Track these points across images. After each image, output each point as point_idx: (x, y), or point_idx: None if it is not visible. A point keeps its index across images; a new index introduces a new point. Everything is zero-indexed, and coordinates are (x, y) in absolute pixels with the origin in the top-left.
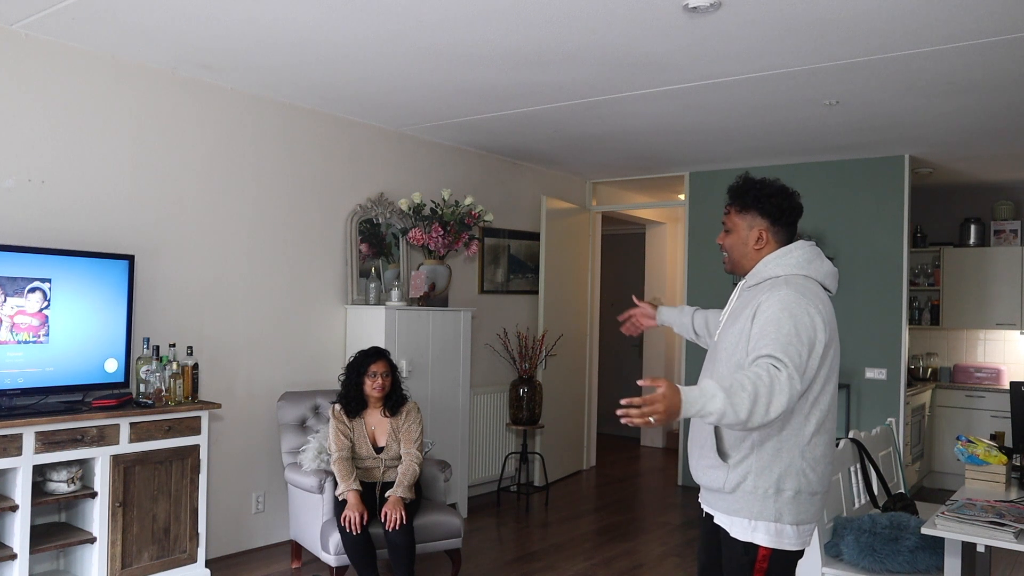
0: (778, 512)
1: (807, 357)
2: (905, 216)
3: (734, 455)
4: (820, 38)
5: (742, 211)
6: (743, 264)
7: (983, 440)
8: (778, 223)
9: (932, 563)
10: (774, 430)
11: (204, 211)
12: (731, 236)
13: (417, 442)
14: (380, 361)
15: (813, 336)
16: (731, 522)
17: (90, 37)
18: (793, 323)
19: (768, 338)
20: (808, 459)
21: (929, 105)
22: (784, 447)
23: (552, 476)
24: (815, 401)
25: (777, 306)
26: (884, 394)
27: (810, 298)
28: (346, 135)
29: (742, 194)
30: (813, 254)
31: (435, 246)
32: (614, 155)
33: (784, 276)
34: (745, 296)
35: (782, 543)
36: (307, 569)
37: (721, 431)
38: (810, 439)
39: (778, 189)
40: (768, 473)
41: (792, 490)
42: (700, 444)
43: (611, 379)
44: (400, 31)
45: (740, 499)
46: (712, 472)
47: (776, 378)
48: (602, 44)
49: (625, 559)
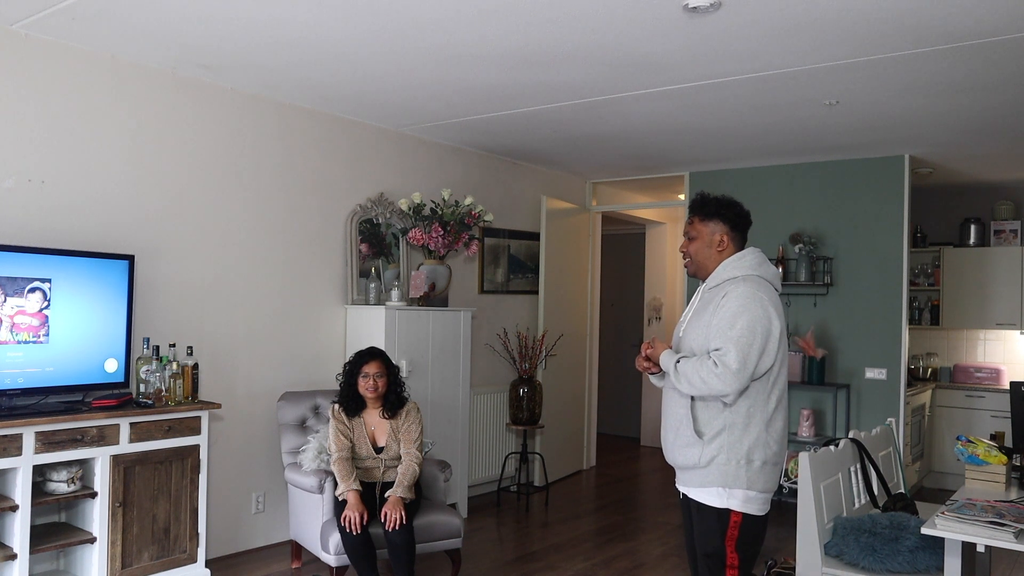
0: (749, 481)
1: (762, 345)
2: (905, 216)
3: (708, 432)
4: (820, 38)
5: (705, 219)
6: (706, 265)
7: (983, 440)
8: (735, 229)
9: (932, 563)
10: (741, 408)
11: (204, 211)
12: (695, 242)
13: (417, 442)
14: (373, 362)
15: (768, 325)
16: (706, 493)
17: (90, 37)
18: (748, 319)
19: (723, 334)
20: (771, 432)
21: (929, 105)
22: (752, 422)
23: (552, 476)
24: (775, 381)
25: (735, 303)
26: (884, 394)
27: (764, 291)
28: (346, 135)
29: (705, 205)
30: (762, 258)
31: (435, 246)
32: (614, 155)
33: (741, 276)
34: (707, 296)
35: (750, 508)
36: (307, 569)
37: (696, 413)
38: (771, 415)
39: (733, 201)
40: (739, 446)
41: (760, 460)
42: (675, 427)
43: (611, 379)
44: (400, 31)
45: (714, 471)
46: (688, 450)
47: (712, 372)
48: (602, 44)
49: (625, 559)
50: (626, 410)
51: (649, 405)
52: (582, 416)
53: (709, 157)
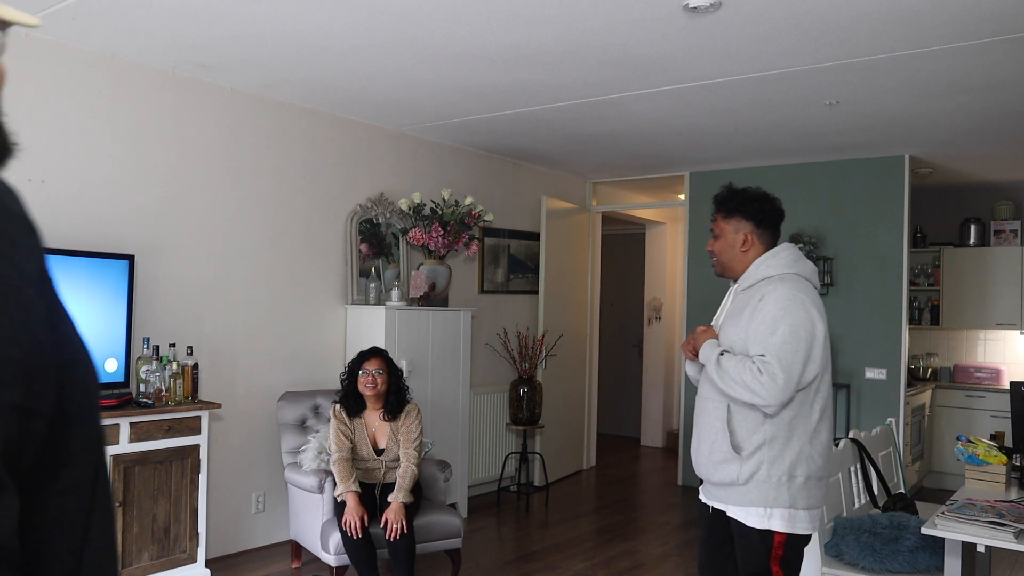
0: (792, 498)
1: (806, 353)
2: (905, 216)
3: (747, 447)
4: (820, 38)
5: (728, 216)
6: (732, 266)
7: (983, 440)
8: (762, 226)
9: (932, 563)
10: (783, 420)
11: (204, 211)
12: (719, 241)
13: (415, 443)
14: (374, 358)
15: (812, 329)
16: (746, 512)
17: (90, 37)
18: (789, 325)
19: (763, 340)
20: (815, 445)
21: (929, 105)
22: (794, 436)
23: (552, 476)
24: (816, 390)
25: (775, 307)
26: (884, 394)
27: (806, 293)
28: (346, 135)
29: (727, 201)
30: (798, 254)
31: (435, 246)
32: (614, 155)
33: (778, 275)
34: (741, 298)
35: (796, 528)
36: (307, 569)
37: (734, 426)
38: (815, 426)
39: (760, 195)
40: (780, 462)
41: (803, 476)
42: (710, 440)
43: (611, 379)
44: (400, 31)
45: (754, 489)
46: (725, 467)
47: (757, 379)
48: (602, 44)
49: (625, 559)
50: (626, 410)
51: (649, 405)
52: (582, 416)
53: (709, 157)
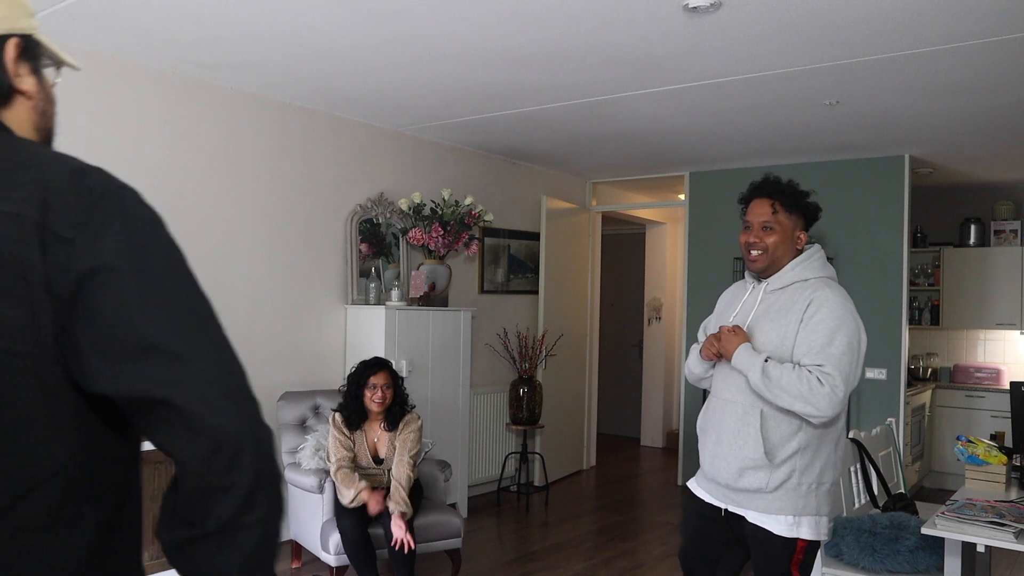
0: (818, 505)
1: (856, 363)
2: (905, 216)
3: (779, 455)
4: (820, 38)
5: (790, 211)
6: (781, 263)
7: (983, 440)
8: (810, 226)
9: (932, 563)
10: (818, 427)
11: (204, 211)
12: (776, 235)
13: (411, 451)
14: (380, 372)
15: (860, 340)
16: (773, 520)
17: (90, 37)
18: (846, 336)
19: (821, 351)
20: (839, 452)
21: (929, 105)
22: (824, 442)
23: (552, 476)
24: None
25: (831, 316)
26: (884, 394)
27: (851, 302)
28: (346, 135)
29: (793, 194)
30: (824, 257)
31: (435, 246)
32: (614, 155)
33: (814, 279)
34: (774, 299)
35: (820, 534)
36: (307, 569)
37: (768, 433)
38: (840, 432)
39: (806, 191)
40: (811, 469)
41: (829, 482)
42: (739, 446)
43: (611, 379)
44: (400, 31)
45: (782, 497)
46: (754, 473)
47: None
48: (602, 44)
49: (625, 559)
50: (626, 410)
51: (649, 405)
52: (582, 416)
53: (709, 157)
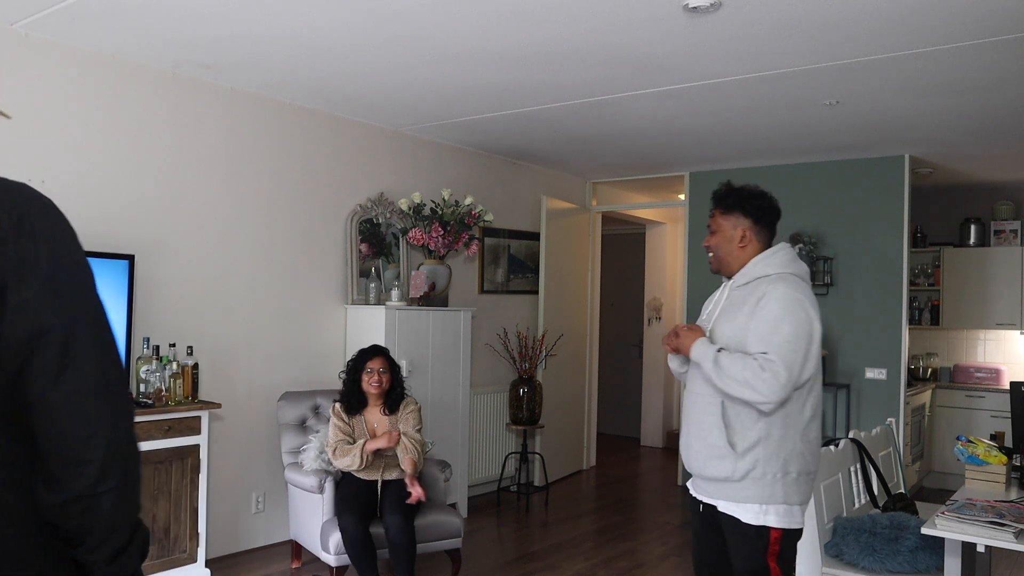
0: (786, 494)
1: (805, 352)
2: (905, 216)
3: (742, 444)
4: (820, 38)
5: (726, 212)
6: (728, 262)
7: (983, 440)
8: (759, 223)
9: (932, 563)
10: (777, 417)
11: (204, 211)
12: (716, 236)
13: (416, 427)
14: (377, 358)
15: (810, 330)
16: (742, 509)
17: (90, 37)
18: (792, 325)
19: (765, 339)
20: (806, 442)
21: (929, 105)
22: (787, 433)
23: (552, 476)
24: (810, 389)
25: (778, 305)
26: (884, 394)
27: (805, 293)
28: (346, 135)
29: (725, 197)
30: (794, 254)
31: (435, 246)
32: (614, 155)
33: (775, 274)
34: (736, 295)
35: (792, 523)
36: (307, 569)
37: (730, 420)
38: (807, 423)
39: (758, 192)
40: (775, 458)
41: (796, 472)
42: (704, 436)
43: (611, 379)
44: (400, 31)
45: (749, 486)
46: (719, 462)
47: (759, 375)
48: (602, 44)
49: (625, 559)
50: (626, 410)
51: (649, 405)
52: (582, 416)
53: (709, 157)
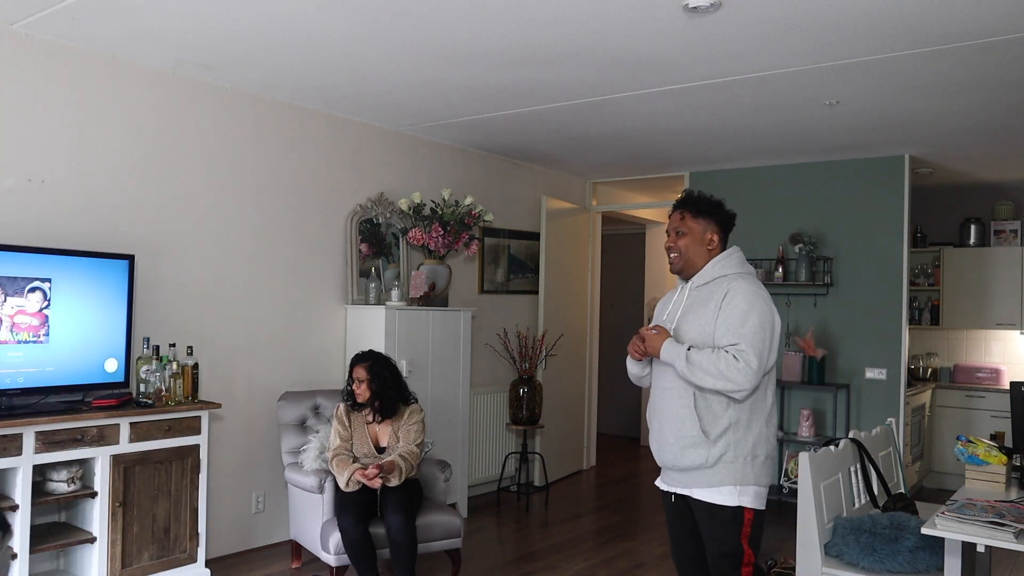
0: (756, 476)
1: (770, 342)
2: (905, 216)
3: (713, 431)
4: (820, 38)
5: (697, 217)
6: (695, 263)
7: (983, 440)
8: (725, 230)
9: (932, 563)
10: (745, 404)
11: (204, 211)
12: (686, 238)
13: (415, 441)
14: (358, 366)
15: (772, 321)
16: (717, 493)
17: (90, 37)
18: (758, 317)
19: (735, 331)
20: (770, 427)
21: (929, 105)
22: (754, 418)
23: (552, 476)
24: (770, 377)
25: (743, 300)
26: (884, 394)
27: (763, 289)
28: (346, 135)
29: (699, 203)
30: (743, 256)
31: (435, 246)
32: (614, 155)
33: (733, 273)
34: (697, 294)
35: (760, 504)
36: (307, 569)
37: (701, 411)
38: (770, 410)
39: (722, 202)
40: (744, 443)
41: (763, 455)
42: (676, 428)
43: (611, 379)
44: (400, 31)
45: (722, 470)
46: (693, 451)
47: (733, 366)
48: (602, 44)
49: (625, 559)
50: (626, 410)
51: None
52: (582, 416)
53: (709, 157)
